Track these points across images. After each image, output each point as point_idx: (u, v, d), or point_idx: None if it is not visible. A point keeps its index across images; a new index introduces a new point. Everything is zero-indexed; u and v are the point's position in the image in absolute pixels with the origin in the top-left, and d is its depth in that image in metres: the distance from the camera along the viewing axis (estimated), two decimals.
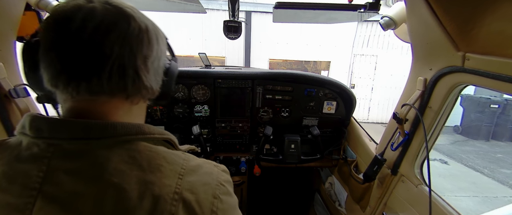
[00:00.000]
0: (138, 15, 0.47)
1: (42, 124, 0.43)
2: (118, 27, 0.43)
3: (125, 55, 0.44)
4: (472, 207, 4.09)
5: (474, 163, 5.82)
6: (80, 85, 0.43)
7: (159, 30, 0.53)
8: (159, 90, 0.55)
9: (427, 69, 1.03)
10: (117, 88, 0.45)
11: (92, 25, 0.41)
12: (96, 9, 0.42)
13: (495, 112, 7.66)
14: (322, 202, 2.14)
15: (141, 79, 0.47)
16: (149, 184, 0.42)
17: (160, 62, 0.53)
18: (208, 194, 0.46)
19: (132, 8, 0.48)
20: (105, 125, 0.44)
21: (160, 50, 0.52)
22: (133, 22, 0.45)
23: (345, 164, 1.72)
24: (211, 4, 7.33)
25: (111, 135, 0.44)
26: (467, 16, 0.76)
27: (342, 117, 1.78)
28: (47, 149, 0.42)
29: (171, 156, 0.48)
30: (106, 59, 0.42)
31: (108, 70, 0.43)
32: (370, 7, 1.09)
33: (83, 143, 0.43)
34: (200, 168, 0.49)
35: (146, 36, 0.47)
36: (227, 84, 1.66)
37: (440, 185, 4.69)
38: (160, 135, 0.51)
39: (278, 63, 8.45)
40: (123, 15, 0.45)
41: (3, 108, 0.96)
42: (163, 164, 0.45)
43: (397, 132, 1.21)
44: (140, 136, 0.47)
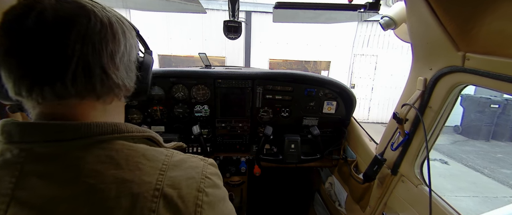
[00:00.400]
0: (98, 9, 0.44)
1: (12, 128, 0.41)
2: (77, 24, 0.40)
3: (89, 54, 0.41)
4: (472, 207, 4.09)
5: (474, 163, 5.82)
6: (44, 90, 0.40)
7: (126, 23, 0.50)
8: (134, 86, 0.53)
9: (427, 69, 1.03)
10: (84, 89, 0.43)
11: (47, 25, 0.38)
12: (51, 6, 0.39)
13: (495, 112, 7.65)
14: (322, 202, 2.14)
15: (110, 77, 0.45)
16: (127, 182, 0.41)
17: (131, 56, 0.50)
18: (192, 188, 0.45)
19: (92, 1, 0.45)
20: (78, 125, 0.42)
21: (129, 44, 0.49)
22: (93, 17, 0.42)
23: (345, 164, 1.72)
24: (211, 4, 7.33)
25: (85, 135, 0.42)
26: (467, 16, 0.76)
27: (342, 117, 1.78)
28: (19, 154, 0.40)
29: (152, 152, 0.46)
30: (67, 60, 0.40)
31: (71, 71, 0.40)
32: (370, 7, 1.09)
33: (56, 145, 0.41)
34: (183, 163, 0.48)
35: (109, 30, 0.44)
36: (227, 84, 1.66)
37: (440, 185, 4.69)
38: (140, 133, 0.49)
39: (278, 63, 8.45)
40: (82, 10, 0.41)
41: (3, 108, 0.96)
42: (143, 161, 0.44)
43: (397, 132, 1.21)
44: (117, 134, 0.45)
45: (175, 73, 1.61)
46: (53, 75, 0.40)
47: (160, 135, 0.55)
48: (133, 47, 0.51)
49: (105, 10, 0.46)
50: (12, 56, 0.39)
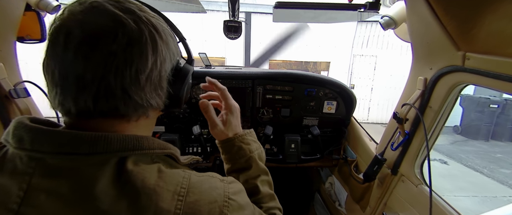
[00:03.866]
0: (130, 22, 0.40)
1: (24, 133, 0.38)
2: (101, 44, 0.38)
3: (111, 75, 0.39)
4: (471, 207, 4.09)
5: (474, 163, 5.82)
6: (70, 108, 0.40)
7: (162, 33, 0.46)
8: (166, 101, 0.49)
9: (427, 68, 1.03)
10: (107, 109, 0.41)
11: (71, 49, 0.38)
12: (79, 24, 0.38)
13: (494, 112, 7.67)
14: (322, 202, 2.14)
15: (133, 98, 0.41)
16: (142, 210, 0.37)
17: (162, 71, 0.46)
18: (215, 213, 0.42)
19: (129, 9, 0.42)
20: (97, 137, 0.39)
21: (160, 58, 0.44)
22: (121, 33, 0.39)
23: (345, 164, 1.72)
24: (211, 5, 7.33)
25: (103, 151, 0.38)
26: (467, 16, 0.76)
27: (342, 117, 1.78)
28: (28, 164, 0.38)
29: (170, 174, 0.43)
30: (88, 83, 0.39)
31: (92, 93, 0.39)
32: (370, 6, 1.09)
33: (69, 159, 0.38)
34: (202, 184, 0.44)
35: (137, 47, 0.40)
36: (227, 84, 1.65)
37: (440, 185, 4.69)
38: (161, 150, 0.46)
39: (278, 64, 8.45)
40: (110, 26, 0.39)
41: (3, 108, 0.96)
42: (160, 184, 0.40)
43: (397, 132, 1.21)
44: (138, 151, 0.42)
45: None
46: (76, 95, 0.39)
47: (160, 135, 0.54)
48: (166, 61, 0.46)
49: (140, 22, 0.42)
50: (47, 73, 0.41)
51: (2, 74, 0.94)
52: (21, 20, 1.00)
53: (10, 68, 0.99)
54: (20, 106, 0.99)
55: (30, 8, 1.05)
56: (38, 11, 1.08)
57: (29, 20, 1.06)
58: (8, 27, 0.95)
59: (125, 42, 0.39)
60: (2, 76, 0.94)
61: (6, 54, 0.97)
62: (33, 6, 1.05)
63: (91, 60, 0.38)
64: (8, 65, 0.98)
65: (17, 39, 1.03)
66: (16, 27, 0.99)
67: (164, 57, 0.45)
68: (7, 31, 0.95)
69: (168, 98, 0.50)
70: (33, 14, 1.07)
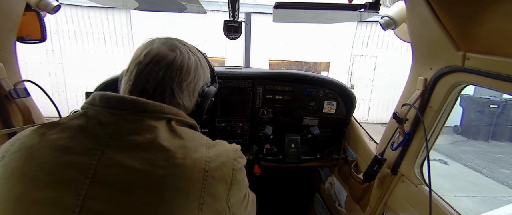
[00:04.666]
0: (184, 50, 0.66)
1: (111, 98, 0.56)
2: (165, 59, 0.62)
3: (166, 78, 0.62)
4: (471, 207, 4.10)
5: (474, 163, 5.83)
6: (137, 92, 0.62)
7: (203, 62, 0.72)
8: (193, 108, 0.71)
9: (427, 68, 1.03)
10: (158, 98, 0.61)
11: (149, 59, 0.62)
12: (157, 47, 0.64)
13: (494, 112, 7.67)
14: (322, 202, 2.14)
15: (175, 96, 0.64)
16: (188, 149, 0.56)
17: (197, 85, 0.69)
18: (229, 157, 0.62)
19: (185, 45, 0.68)
20: (156, 105, 0.58)
21: (197, 76, 0.68)
22: (179, 55, 0.64)
23: (345, 164, 1.72)
24: (211, 5, 7.33)
25: (160, 112, 0.58)
26: (467, 16, 0.76)
27: (342, 117, 1.78)
28: (112, 118, 0.54)
29: (197, 134, 0.64)
30: (153, 80, 0.61)
31: (152, 87, 0.61)
32: (370, 6, 1.09)
33: (140, 115, 0.56)
34: (219, 144, 0.65)
35: (186, 65, 0.64)
36: (227, 84, 1.66)
37: (440, 185, 4.69)
38: (189, 120, 0.66)
39: (278, 64, 8.45)
40: (172, 50, 0.64)
41: (4, 108, 0.96)
42: (194, 137, 0.61)
43: (397, 132, 1.21)
44: (177, 117, 0.62)
45: None
46: (144, 85, 0.62)
47: None
48: (200, 79, 0.70)
49: (190, 51, 0.67)
50: (128, 72, 0.64)
51: (2, 74, 0.94)
52: (21, 20, 1.00)
53: (10, 68, 0.99)
54: (20, 106, 0.99)
55: (30, 8, 1.05)
56: (38, 11, 1.08)
57: (29, 20, 1.06)
58: (8, 27, 0.95)
59: (180, 60, 0.64)
60: (2, 76, 0.94)
61: (6, 54, 0.97)
62: (33, 6, 1.05)
63: (159, 67, 0.62)
64: (8, 65, 0.98)
65: (17, 39, 1.03)
66: (16, 27, 0.99)
67: (199, 76, 0.70)
68: (7, 31, 0.95)
69: (196, 105, 0.72)
70: (33, 14, 1.07)
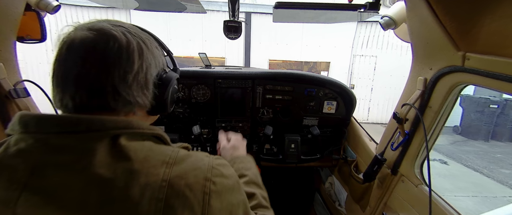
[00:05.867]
0: (118, 32, 0.49)
1: (29, 119, 0.44)
2: (96, 49, 0.47)
3: (102, 75, 0.47)
4: (471, 207, 4.10)
5: (474, 163, 5.82)
6: (68, 102, 0.47)
7: (150, 44, 0.55)
8: (152, 102, 0.57)
9: (427, 68, 1.03)
10: (99, 104, 0.48)
11: (72, 54, 0.47)
12: (79, 38, 0.47)
13: (494, 112, 7.67)
14: (322, 202, 2.14)
15: (122, 95, 0.49)
16: (135, 173, 0.43)
17: (148, 74, 0.53)
18: (199, 178, 0.47)
19: (120, 26, 0.51)
20: (92, 119, 0.45)
21: (146, 63, 0.52)
22: (112, 42, 0.48)
23: (345, 164, 1.72)
24: (211, 5, 7.33)
25: (99, 129, 0.44)
26: (467, 16, 0.76)
27: (342, 117, 1.78)
28: (33, 144, 0.43)
29: (159, 148, 0.49)
30: (84, 80, 0.47)
31: (86, 92, 0.47)
32: (370, 7, 1.09)
33: (70, 137, 0.43)
34: (189, 157, 0.50)
35: (125, 52, 0.49)
36: (227, 84, 1.66)
37: (440, 185, 4.69)
38: (150, 130, 0.51)
39: (278, 64, 8.45)
40: (102, 37, 0.48)
41: (3, 108, 0.96)
42: (150, 155, 0.46)
43: (397, 132, 1.21)
44: (129, 130, 0.47)
45: None
46: (74, 91, 0.47)
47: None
48: (151, 66, 0.54)
49: (128, 33, 0.51)
50: (52, 79, 0.49)
51: (2, 74, 0.94)
52: (21, 20, 1.00)
53: (10, 68, 0.99)
54: (20, 106, 0.99)
55: (30, 8, 1.05)
56: (38, 11, 1.08)
57: (29, 20, 1.06)
58: (8, 27, 0.95)
59: (116, 48, 0.48)
60: (2, 76, 0.94)
61: (6, 53, 0.97)
62: (33, 6, 1.05)
63: (87, 61, 0.46)
64: (8, 65, 0.98)
65: (17, 39, 1.03)
66: (16, 27, 0.99)
67: (149, 63, 0.54)
68: (7, 30, 0.95)
69: (155, 99, 0.57)
70: (33, 14, 1.07)
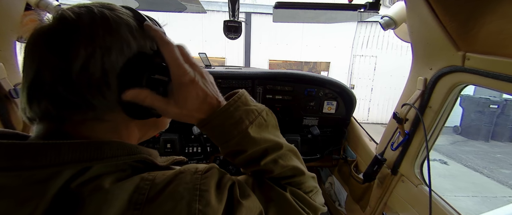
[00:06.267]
0: (68, 13, 0.36)
1: None
2: (40, 37, 0.36)
3: (42, 71, 0.35)
4: (471, 207, 4.09)
5: (474, 163, 5.82)
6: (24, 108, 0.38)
7: (112, 21, 0.38)
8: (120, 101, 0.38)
9: (427, 68, 1.03)
10: (39, 110, 0.36)
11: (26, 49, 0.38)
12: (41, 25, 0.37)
13: (494, 112, 7.66)
14: None
15: (63, 96, 0.35)
16: None
17: (105, 64, 0.36)
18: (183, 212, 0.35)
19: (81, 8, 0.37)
20: (41, 147, 0.32)
21: (102, 48, 0.36)
22: (58, 24, 0.36)
23: (345, 164, 1.72)
24: (211, 5, 7.34)
25: (50, 163, 0.31)
26: (467, 16, 0.76)
27: (342, 117, 1.78)
28: None
29: (127, 181, 0.35)
30: (25, 81, 0.37)
31: (26, 93, 0.36)
32: (370, 7, 1.09)
33: (8, 176, 0.31)
34: (168, 184, 0.36)
35: (68, 36, 0.35)
36: (227, 84, 1.66)
37: (440, 185, 4.69)
38: (128, 156, 0.37)
39: (278, 64, 8.45)
40: (54, 22, 0.37)
41: (3, 108, 0.96)
42: (114, 192, 0.33)
43: (397, 132, 1.21)
44: (96, 161, 0.34)
45: None
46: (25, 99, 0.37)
47: (160, 135, 0.46)
48: (112, 52, 0.37)
49: (82, 13, 0.37)
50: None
51: (2, 74, 0.94)
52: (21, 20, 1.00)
53: (10, 68, 0.99)
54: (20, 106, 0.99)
55: (30, 8, 1.05)
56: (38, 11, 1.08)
57: (29, 20, 1.06)
58: (8, 26, 0.95)
59: (57, 34, 0.35)
60: (2, 76, 0.94)
61: (6, 54, 0.97)
62: (33, 5, 1.05)
63: (29, 56, 0.36)
64: (8, 65, 0.98)
65: (17, 39, 1.03)
66: (16, 27, 0.99)
67: (107, 47, 0.36)
68: (7, 30, 0.95)
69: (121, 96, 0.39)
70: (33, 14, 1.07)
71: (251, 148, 0.47)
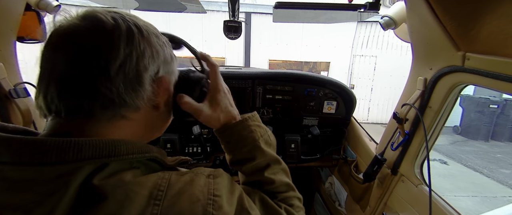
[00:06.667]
0: (106, 18, 0.39)
1: None
2: (73, 35, 0.38)
3: (76, 66, 0.37)
4: (471, 207, 4.10)
5: (474, 163, 5.83)
6: (41, 103, 0.39)
7: (145, 31, 0.43)
8: (147, 105, 0.44)
9: (427, 68, 1.03)
10: (70, 106, 0.38)
11: (52, 41, 0.39)
12: (64, 24, 0.39)
13: (494, 112, 7.67)
14: (322, 202, 2.14)
15: (100, 91, 0.37)
16: None
17: (139, 65, 0.41)
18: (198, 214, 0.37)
19: (110, 13, 0.41)
20: (64, 144, 0.33)
21: (137, 51, 0.41)
22: (95, 25, 0.39)
23: (345, 164, 1.72)
24: (211, 5, 7.34)
25: (72, 159, 0.33)
26: (467, 16, 0.76)
27: (342, 117, 1.78)
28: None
29: (146, 178, 0.38)
30: (54, 75, 0.37)
31: (56, 86, 0.37)
32: (370, 7, 1.09)
33: (32, 170, 0.32)
34: (183, 184, 0.39)
35: (109, 38, 0.38)
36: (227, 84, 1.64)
37: (440, 185, 4.69)
38: (142, 154, 0.41)
39: (278, 64, 8.46)
40: (87, 23, 0.39)
41: (4, 108, 0.96)
42: (134, 189, 0.35)
43: (397, 132, 1.22)
44: (113, 158, 0.36)
45: None
46: (45, 91, 0.38)
47: (160, 136, 0.53)
48: (145, 56, 0.42)
49: (119, 19, 0.40)
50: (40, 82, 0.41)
51: (2, 74, 0.94)
52: (21, 20, 1.00)
53: (10, 68, 0.99)
54: (20, 106, 0.99)
55: (30, 8, 1.05)
56: (38, 11, 1.08)
57: (29, 20, 1.06)
58: (8, 26, 0.95)
59: (97, 34, 0.38)
60: (2, 76, 0.94)
61: (6, 54, 0.97)
62: (33, 6, 1.05)
63: (60, 51, 0.37)
64: (8, 65, 0.98)
65: (17, 39, 1.03)
66: (16, 27, 0.99)
67: (142, 51, 0.41)
68: (7, 30, 0.95)
69: (154, 98, 0.46)
70: (33, 14, 1.07)
71: (259, 158, 0.58)
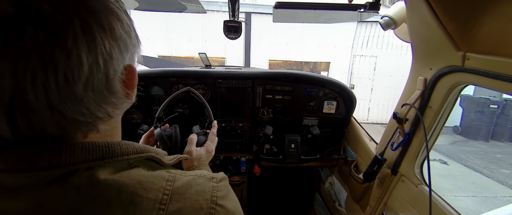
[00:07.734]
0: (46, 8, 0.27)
1: None
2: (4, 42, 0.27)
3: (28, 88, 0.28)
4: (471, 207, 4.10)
5: (474, 163, 5.82)
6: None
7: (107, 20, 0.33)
8: (124, 105, 0.41)
9: (427, 68, 1.03)
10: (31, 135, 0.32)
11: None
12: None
13: (494, 112, 7.67)
14: (322, 202, 2.14)
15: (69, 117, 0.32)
16: None
17: (109, 72, 0.35)
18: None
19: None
20: (56, 150, 0.32)
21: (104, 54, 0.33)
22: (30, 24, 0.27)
23: (345, 164, 1.72)
24: (211, 5, 7.34)
25: (66, 163, 0.32)
26: (467, 16, 0.76)
27: (342, 117, 1.78)
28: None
29: (150, 179, 0.37)
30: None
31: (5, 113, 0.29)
32: (370, 7, 1.09)
33: (24, 176, 0.31)
34: (188, 188, 0.40)
35: (61, 45, 0.28)
36: (227, 84, 1.66)
37: (440, 185, 4.69)
38: (137, 154, 0.39)
39: (278, 64, 8.46)
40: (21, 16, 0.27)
41: None
42: (139, 193, 0.35)
43: (397, 132, 1.22)
44: (108, 160, 0.35)
45: (175, 73, 1.60)
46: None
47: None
48: (113, 57, 0.34)
49: (63, 7, 0.29)
50: None
51: None
52: None
53: None
54: None
55: None
56: None
57: None
58: None
59: (41, 39, 0.27)
60: None
61: None
62: None
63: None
64: None
65: None
66: None
67: (109, 53, 0.33)
68: None
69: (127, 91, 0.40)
70: None
71: None
